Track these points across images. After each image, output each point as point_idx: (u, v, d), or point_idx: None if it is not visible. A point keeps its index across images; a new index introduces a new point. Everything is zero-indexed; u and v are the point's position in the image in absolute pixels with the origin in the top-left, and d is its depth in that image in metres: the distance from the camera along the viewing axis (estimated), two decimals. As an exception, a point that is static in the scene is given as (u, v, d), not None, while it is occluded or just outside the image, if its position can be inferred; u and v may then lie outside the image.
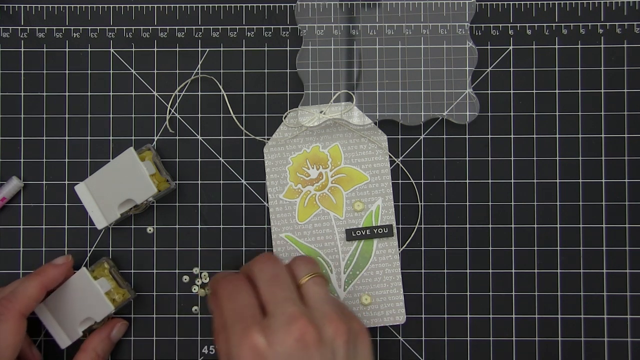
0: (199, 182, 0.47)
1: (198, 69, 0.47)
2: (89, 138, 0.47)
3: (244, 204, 0.47)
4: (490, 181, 0.47)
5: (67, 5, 0.47)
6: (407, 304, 0.46)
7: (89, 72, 0.47)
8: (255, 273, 0.39)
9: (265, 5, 0.47)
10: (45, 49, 0.47)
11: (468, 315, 0.46)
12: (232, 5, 0.47)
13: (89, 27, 0.47)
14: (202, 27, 0.47)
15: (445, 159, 0.47)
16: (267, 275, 0.39)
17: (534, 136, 0.47)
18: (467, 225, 0.46)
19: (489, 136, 0.47)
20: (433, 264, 0.46)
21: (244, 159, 0.47)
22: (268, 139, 0.47)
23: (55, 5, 0.47)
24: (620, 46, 0.47)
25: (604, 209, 0.47)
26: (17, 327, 0.40)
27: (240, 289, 0.39)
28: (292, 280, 0.39)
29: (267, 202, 0.47)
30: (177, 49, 0.47)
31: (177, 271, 0.47)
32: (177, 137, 0.47)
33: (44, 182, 0.47)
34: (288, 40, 0.47)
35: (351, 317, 0.39)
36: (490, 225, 0.46)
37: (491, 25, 0.47)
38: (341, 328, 0.37)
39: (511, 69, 0.47)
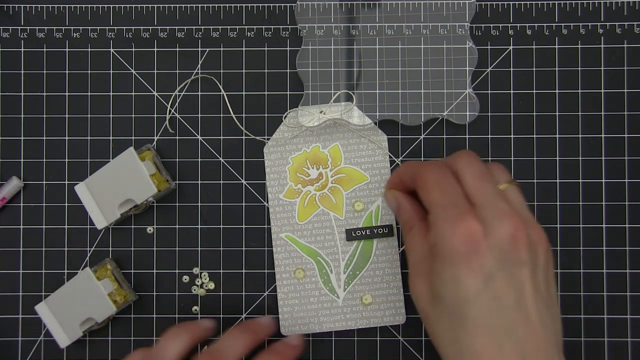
0: (199, 182, 0.47)
1: (198, 69, 0.47)
2: (89, 138, 0.47)
3: (244, 204, 0.47)
4: (490, 181, 0.47)
5: (67, 5, 0.47)
6: (407, 304, 0.46)
7: (89, 72, 0.47)
8: (461, 167, 0.38)
9: (265, 5, 0.47)
10: (45, 49, 0.47)
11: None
12: (232, 5, 0.47)
13: (89, 27, 0.47)
14: (202, 27, 0.47)
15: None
16: (475, 171, 0.38)
17: (534, 136, 0.47)
18: (467, 225, 0.46)
19: (489, 136, 0.47)
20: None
21: (244, 159, 0.47)
22: (268, 139, 0.47)
23: (55, 5, 0.47)
24: (620, 46, 0.47)
25: (604, 209, 0.47)
26: None
27: (448, 178, 0.38)
28: None
29: (267, 202, 0.47)
30: (177, 49, 0.47)
31: (177, 271, 0.47)
32: (177, 137, 0.47)
33: (44, 182, 0.47)
34: (288, 40, 0.47)
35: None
36: (490, 225, 0.46)
37: (491, 25, 0.47)
38: (543, 236, 0.37)
39: (511, 69, 0.47)
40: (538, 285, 0.36)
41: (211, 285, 0.47)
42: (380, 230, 0.46)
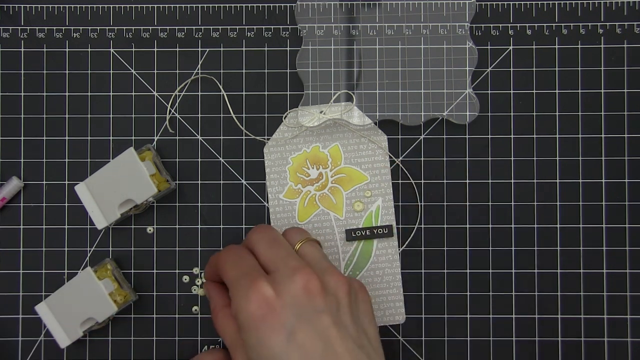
0: (199, 182, 0.47)
1: (198, 69, 0.47)
2: (89, 138, 0.47)
3: (244, 204, 0.47)
4: (490, 181, 0.47)
5: (67, 5, 0.47)
6: (407, 304, 0.46)
7: (89, 72, 0.47)
8: (253, 241, 0.40)
9: (265, 5, 0.47)
10: (45, 49, 0.47)
11: (468, 315, 0.46)
12: (232, 5, 0.47)
13: (89, 27, 0.47)
14: (202, 27, 0.47)
15: (445, 159, 0.47)
16: (266, 240, 0.40)
17: (534, 136, 0.47)
18: (467, 225, 0.47)
19: (489, 136, 0.47)
20: (433, 264, 0.46)
21: (244, 159, 0.47)
22: (268, 139, 0.47)
23: (55, 5, 0.47)
24: (620, 46, 0.47)
25: (604, 209, 0.47)
26: None
27: (242, 255, 0.39)
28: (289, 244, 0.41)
29: (267, 202, 0.47)
30: (177, 49, 0.47)
31: (177, 271, 0.47)
32: (177, 137, 0.47)
33: (44, 182, 0.47)
34: (288, 40, 0.47)
35: (349, 276, 0.40)
36: (490, 225, 0.46)
37: (491, 25, 0.47)
38: (342, 279, 0.38)
39: (511, 69, 0.47)
40: (345, 329, 0.37)
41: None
42: (380, 231, 0.46)
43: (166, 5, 0.47)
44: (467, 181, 0.47)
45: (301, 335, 0.35)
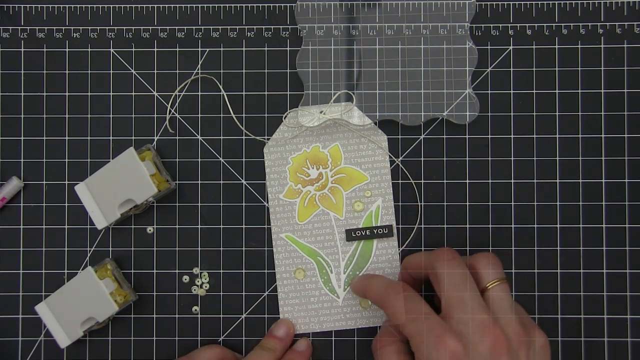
0: (199, 182, 0.47)
1: (198, 69, 0.47)
2: (89, 138, 0.47)
3: (244, 204, 0.47)
4: (490, 181, 0.47)
5: (67, 5, 0.47)
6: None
7: (89, 72, 0.47)
8: (438, 273, 0.40)
9: (265, 5, 0.47)
10: (45, 49, 0.47)
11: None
12: (232, 5, 0.47)
13: (89, 27, 0.47)
14: (202, 27, 0.47)
15: (445, 159, 0.47)
16: (454, 277, 0.40)
17: (534, 136, 0.47)
18: (467, 225, 0.46)
19: (489, 136, 0.47)
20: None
21: (244, 159, 0.47)
22: (268, 139, 0.47)
23: (55, 5, 0.47)
24: (620, 46, 0.47)
25: (604, 209, 0.47)
26: None
27: (415, 304, 0.40)
28: (475, 281, 0.40)
29: (267, 202, 0.47)
30: (177, 49, 0.47)
31: (177, 271, 0.47)
32: (177, 137, 0.47)
33: (44, 182, 0.47)
34: (288, 40, 0.47)
35: (532, 326, 0.40)
36: (490, 225, 0.46)
37: (491, 25, 0.47)
38: (522, 340, 0.39)
39: (511, 69, 0.47)
40: None
41: (212, 284, 0.47)
42: (380, 231, 0.46)
43: (166, 5, 0.47)
44: (467, 181, 0.47)
45: None
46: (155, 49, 0.47)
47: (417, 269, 0.43)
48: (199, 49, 0.47)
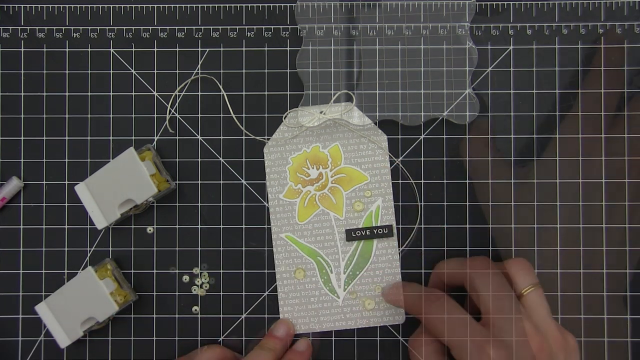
0: (199, 182, 0.47)
1: (198, 69, 0.47)
2: (89, 138, 0.47)
3: (244, 204, 0.47)
4: (490, 181, 0.47)
5: (67, 5, 0.47)
6: (407, 304, 0.46)
7: (89, 72, 0.47)
8: (476, 281, 0.41)
9: (265, 5, 0.47)
10: (45, 49, 0.47)
11: (468, 316, 0.46)
12: (232, 5, 0.47)
13: (89, 27, 0.47)
14: (202, 27, 0.47)
15: (445, 159, 0.47)
16: (492, 286, 0.40)
17: (534, 136, 0.47)
18: (467, 225, 0.46)
19: (489, 136, 0.47)
20: (433, 264, 0.46)
21: (244, 159, 0.47)
22: (268, 139, 0.47)
23: (55, 5, 0.47)
24: (620, 46, 0.47)
25: (604, 209, 0.47)
26: None
27: (453, 309, 0.41)
28: (512, 287, 0.41)
29: (267, 202, 0.47)
30: (177, 49, 0.47)
31: (177, 271, 0.47)
32: (177, 137, 0.47)
33: (44, 182, 0.47)
34: (288, 40, 0.47)
35: (564, 330, 0.41)
36: (490, 226, 0.46)
37: (491, 25, 0.47)
38: (561, 344, 0.40)
39: (511, 69, 0.47)
40: None
41: (212, 284, 0.47)
42: (380, 231, 0.46)
43: (166, 5, 0.47)
44: (467, 181, 0.47)
45: None
46: (155, 49, 0.47)
47: (452, 277, 0.43)
48: (199, 49, 0.47)
